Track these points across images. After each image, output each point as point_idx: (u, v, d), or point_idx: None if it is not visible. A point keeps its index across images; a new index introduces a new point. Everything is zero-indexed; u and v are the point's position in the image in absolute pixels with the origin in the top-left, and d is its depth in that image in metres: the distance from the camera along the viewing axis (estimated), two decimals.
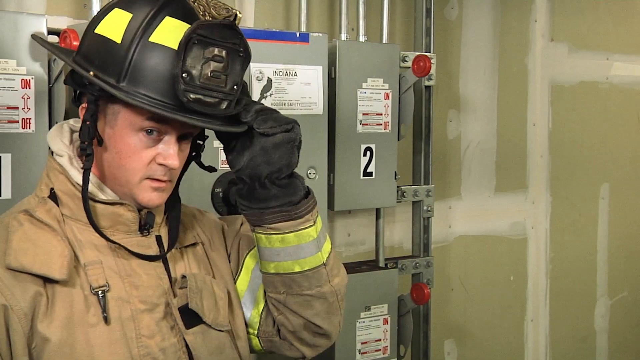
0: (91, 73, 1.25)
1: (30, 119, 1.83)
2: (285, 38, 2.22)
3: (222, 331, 1.39)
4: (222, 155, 2.12)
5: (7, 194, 1.81)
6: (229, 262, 1.49)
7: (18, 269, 1.22)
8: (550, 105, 3.45)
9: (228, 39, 1.24)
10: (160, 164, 1.28)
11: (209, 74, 1.22)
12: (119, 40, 1.24)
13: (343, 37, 2.52)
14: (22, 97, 1.82)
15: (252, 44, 2.13)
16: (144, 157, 1.27)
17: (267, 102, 2.18)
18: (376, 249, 2.70)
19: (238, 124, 1.31)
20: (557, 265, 3.54)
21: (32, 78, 1.82)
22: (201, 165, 1.42)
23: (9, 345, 1.22)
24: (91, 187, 1.30)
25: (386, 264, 2.69)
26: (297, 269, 1.37)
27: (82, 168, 1.28)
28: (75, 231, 1.30)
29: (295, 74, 2.23)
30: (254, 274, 1.48)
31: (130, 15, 1.25)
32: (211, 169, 1.43)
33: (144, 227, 1.34)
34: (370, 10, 2.63)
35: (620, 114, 3.69)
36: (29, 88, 1.82)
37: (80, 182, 1.30)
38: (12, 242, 1.24)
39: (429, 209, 2.83)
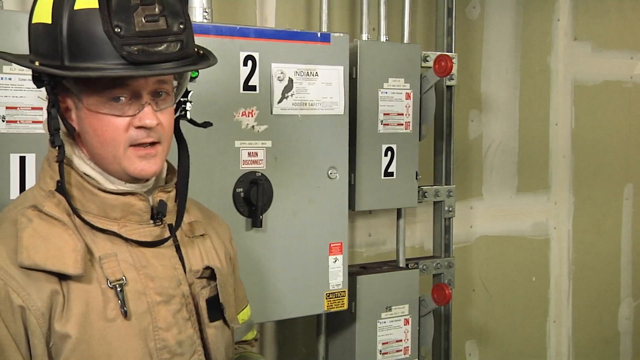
0: (36, 63, 1.24)
1: None
2: (306, 38, 2.22)
3: (230, 328, 1.40)
4: (244, 155, 2.12)
5: None
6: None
7: (31, 266, 1.20)
8: (573, 105, 3.42)
9: None
10: (138, 127, 1.24)
11: (144, 20, 1.18)
12: (49, 21, 1.22)
13: (364, 37, 2.52)
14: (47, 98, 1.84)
15: (274, 44, 2.16)
16: (120, 125, 1.24)
17: (288, 102, 2.18)
18: (397, 249, 2.69)
19: (207, 60, 1.29)
20: (580, 266, 3.51)
21: None
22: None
23: (28, 346, 1.21)
24: (99, 178, 1.29)
25: (407, 264, 2.69)
26: None
27: (55, 161, 1.27)
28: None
29: (317, 74, 2.23)
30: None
31: None
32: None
33: (157, 216, 1.32)
34: (391, 10, 2.62)
35: None
36: None
37: (86, 172, 1.29)
38: (22, 240, 1.22)
39: (450, 209, 2.82)
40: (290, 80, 2.19)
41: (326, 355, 2.57)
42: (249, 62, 2.11)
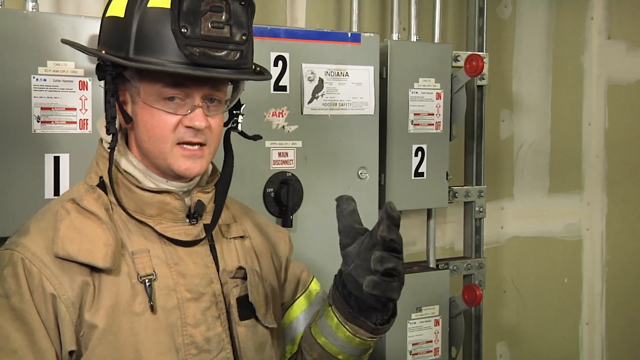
0: (103, 52, 1.30)
1: (87, 119, 1.87)
2: (336, 38, 2.22)
3: (268, 328, 1.41)
4: (274, 155, 2.13)
5: None
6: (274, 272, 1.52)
7: (65, 257, 1.25)
8: (607, 105, 3.37)
9: None
10: (188, 127, 1.29)
11: (210, 25, 1.25)
12: (122, 15, 1.28)
13: (394, 37, 2.51)
14: (80, 99, 1.86)
15: (304, 44, 2.16)
16: (170, 122, 1.29)
17: (318, 102, 2.19)
18: (427, 250, 2.68)
19: (262, 75, 1.35)
20: (614, 267, 3.46)
21: (90, 80, 1.87)
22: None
23: (58, 333, 1.25)
24: (138, 175, 1.33)
25: (437, 265, 2.67)
26: (340, 357, 1.40)
27: (107, 149, 1.32)
28: (125, 219, 1.32)
29: (347, 74, 2.23)
30: (302, 316, 1.53)
31: None
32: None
33: (193, 215, 1.35)
34: (422, 10, 2.61)
35: None
36: (87, 89, 1.87)
37: (128, 170, 1.33)
38: (59, 231, 1.27)
39: (481, 209, 2.80)
40: (321, 81, 2.19)
41: None
42: (280, 63, 2.12)
